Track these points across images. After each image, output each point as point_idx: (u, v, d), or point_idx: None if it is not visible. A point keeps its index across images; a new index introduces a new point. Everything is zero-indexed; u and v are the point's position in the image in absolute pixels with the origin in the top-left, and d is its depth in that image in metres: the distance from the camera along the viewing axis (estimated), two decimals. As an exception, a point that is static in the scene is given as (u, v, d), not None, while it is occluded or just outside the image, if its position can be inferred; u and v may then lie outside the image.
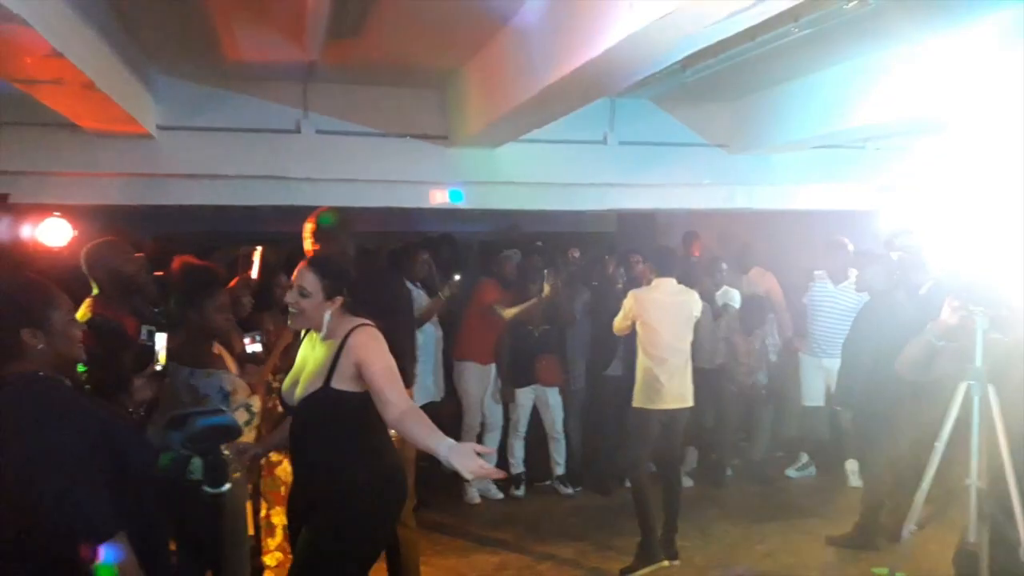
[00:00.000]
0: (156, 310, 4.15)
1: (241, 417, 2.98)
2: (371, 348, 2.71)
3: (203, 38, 4.50)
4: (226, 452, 2.38)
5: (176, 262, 3.38)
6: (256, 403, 3.25)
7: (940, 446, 3.36)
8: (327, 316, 2.77)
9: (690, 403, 4.94)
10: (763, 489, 6.35)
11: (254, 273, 4.32)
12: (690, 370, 4.94)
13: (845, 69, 5.08)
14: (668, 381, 4.82)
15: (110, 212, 5.85)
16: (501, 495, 6.08)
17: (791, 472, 6.63)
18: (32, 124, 5.04)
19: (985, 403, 3.18)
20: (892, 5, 3.74)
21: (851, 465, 6.23)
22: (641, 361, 4.90)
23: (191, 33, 4.42)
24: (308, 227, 3.72)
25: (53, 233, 4.81)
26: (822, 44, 4.41)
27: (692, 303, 4.99)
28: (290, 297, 2.81)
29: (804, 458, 6.66)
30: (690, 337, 4.95)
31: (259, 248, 4.99)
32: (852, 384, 5.18)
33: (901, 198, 6.38)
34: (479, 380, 6.07)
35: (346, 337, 2.74)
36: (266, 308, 4.53)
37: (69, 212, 5.02)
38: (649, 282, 5.05)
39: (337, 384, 2.70)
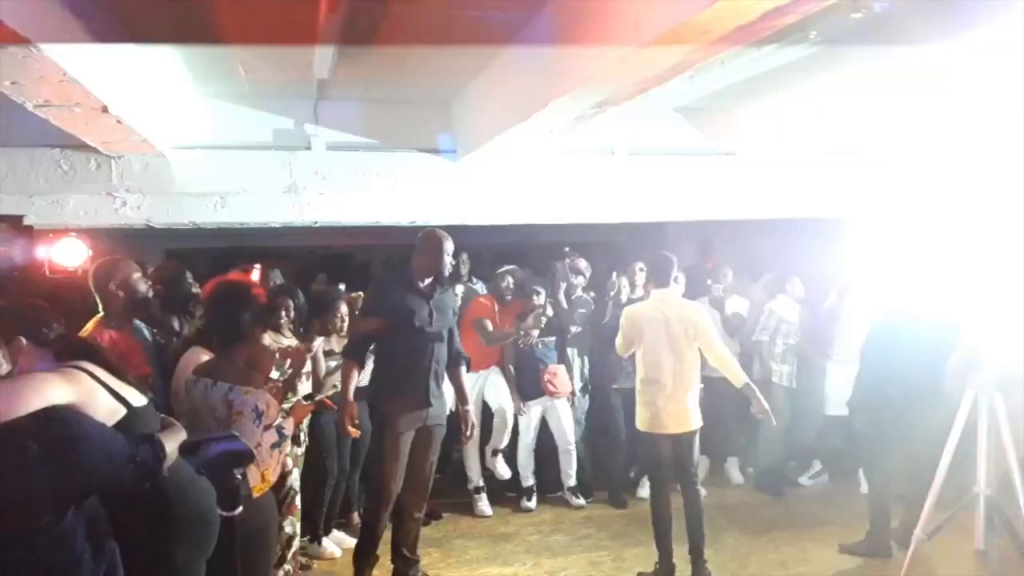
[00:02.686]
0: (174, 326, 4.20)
1: (270, 439, 3.00)
2: None
3: (222, 59, 4.57)
4: (238, 476, 2.39)
5: (211, 282, 3.41)
6: (289, 426, 3.26)
7: (948, 453, 3.38)
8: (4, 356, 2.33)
9: (692, 427, 4.63)
10: (775, 497, 6.33)
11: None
12: (696, 391, 4.66)
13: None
14: (666, 405, 4.53)
15: (121, 232, 5.90)
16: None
17: (804, 479, 6.60)
18: (46, 146, 5.13)
19: (992, 410, 3.20)
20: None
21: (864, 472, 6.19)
22: (638, 384, 4.65)
23: (211, 52, 4.48)
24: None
25: (69, 254, 4.82)
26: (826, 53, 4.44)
27: (694, 315, 4.66)
28: None
29: (817, 465, 6.63)
30: (693, 355, 4.62)
31: (258, 266, 5.02)
32: (865, 390, 5.17)
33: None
34: (470, 387, 6.06)
35: None
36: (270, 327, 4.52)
37: (83, 233, 5.07)
38: (648, 294, 4.86)
39: None
